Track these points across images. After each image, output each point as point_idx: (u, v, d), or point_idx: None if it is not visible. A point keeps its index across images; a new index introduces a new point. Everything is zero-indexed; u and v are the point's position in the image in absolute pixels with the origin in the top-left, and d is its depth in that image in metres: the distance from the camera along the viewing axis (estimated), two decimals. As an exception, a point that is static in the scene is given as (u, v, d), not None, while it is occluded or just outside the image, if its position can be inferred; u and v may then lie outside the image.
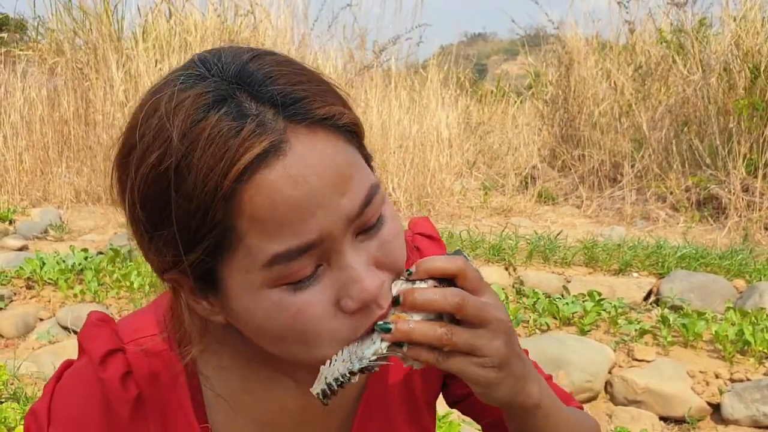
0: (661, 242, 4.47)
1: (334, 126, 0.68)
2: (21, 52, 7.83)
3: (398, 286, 0.72)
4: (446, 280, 0.72)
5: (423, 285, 0.71)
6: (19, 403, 2.74)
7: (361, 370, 0.69)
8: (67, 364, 0.86)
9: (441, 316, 0.70)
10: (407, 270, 0.73)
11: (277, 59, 0.71)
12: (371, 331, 0.71)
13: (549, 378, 1.01)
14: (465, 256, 0.75)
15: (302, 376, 0.85)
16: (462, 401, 1.01)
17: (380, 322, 0.70)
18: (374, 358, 0.69)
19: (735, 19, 6.26)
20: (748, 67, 5.92)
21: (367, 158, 0.76)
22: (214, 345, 0.83)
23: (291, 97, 0.67)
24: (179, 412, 0.83)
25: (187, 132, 0.65)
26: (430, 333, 0.68)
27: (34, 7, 9.70)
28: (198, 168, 0.64)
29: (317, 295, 0.69)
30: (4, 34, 8.38)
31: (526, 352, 0.88)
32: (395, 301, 0.71)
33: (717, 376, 2.93)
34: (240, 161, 0.63)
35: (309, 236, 0.66)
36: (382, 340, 0.69)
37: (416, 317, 0.70)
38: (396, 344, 0.69)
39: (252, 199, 0.64)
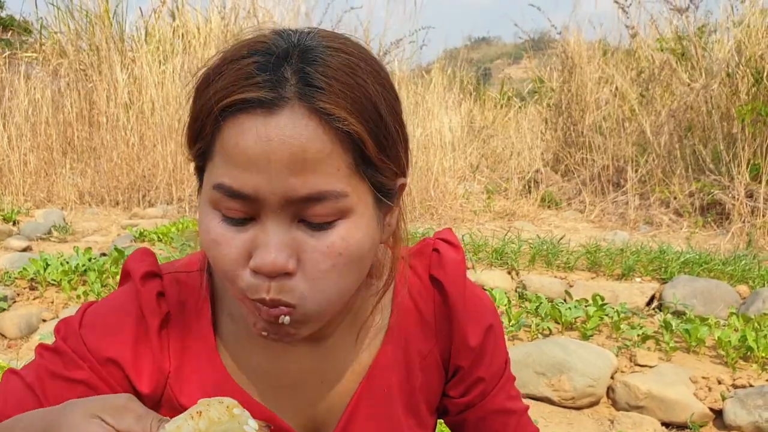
0: (665, 247, 4.47)
1: (333, 126, 0.73)
2: (25, 54, 7.85)
3: None
4: None
5: None
6: (21, 404, 2.74)
7: None
8: (89, 303, 0.94)
9: None
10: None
11: (342, 52, 0.77)
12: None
13: (525, 410, 1.05)
14: None
15: (289, 347, 0.92)
16: (455, 414, 1.02)
17: None
18: None
19: (736, 24, 6.26)
20: (751, 73, 5.92)
21: (383, 187, 0.80)
22: (229, 292, 0.90)
23: (313, 81, 0.73)
24: (201, 343, 0.91)
25: (230, 61, 0.76)
26: None
27: (36, 9, 9.73)
28: (214, 87, 0.75)
29: (235, 239, 0.76)
30: (9, 37, 8.40)
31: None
32: None
33: (719, 382, 2.93)
34: (234, 96, 0.73)
35: (245, 188, 0.74)
36: None
37: None
38: None
39: (228, 131, 0.74)
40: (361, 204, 0.78)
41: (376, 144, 0.77)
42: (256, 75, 0.73)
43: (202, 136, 0.77)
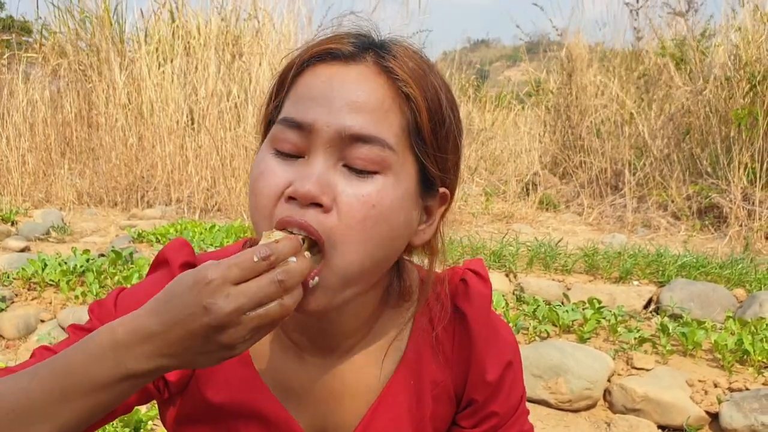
0: (662, 250, 4.48)
1: (396, 85, 0.81)
2: (26, 55, 7.85)
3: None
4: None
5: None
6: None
7: None
8: (121, 288, 0.96)
9: None
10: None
11: (419, 57, 0.87)
12: None
13: (527, 413, 1.04)
14: None
15: (303, 344, 0.93)
16: None
17: None
18: None
19: (735, 28, 6.28)
20: (748, 77, 5.93)
21: (427, 176, 0.85)
22: None
23: (392, 51, 0.83)
24: None
25: (324, 26, 0.88)
26: None
27: (37, 9, 9.73)
28: (303, 47, 0.85)
29: (281, 169, 0.80)
30: (9, 37, 8.41)
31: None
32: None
33: (716, 386, 2.94)
34: (315, 49, 0.83)
35: (306, 118, 0.79)
36: None
37: None
38: None
39: (304, 78, 0.83)
40: (404, 170, 0.82)
41: (431, 122, 0.83)
42: (346, 38, 0.84)
43: (281, 90, 0.85)
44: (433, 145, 0.84)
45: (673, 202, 6.10)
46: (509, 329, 1.03)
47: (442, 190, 0.89)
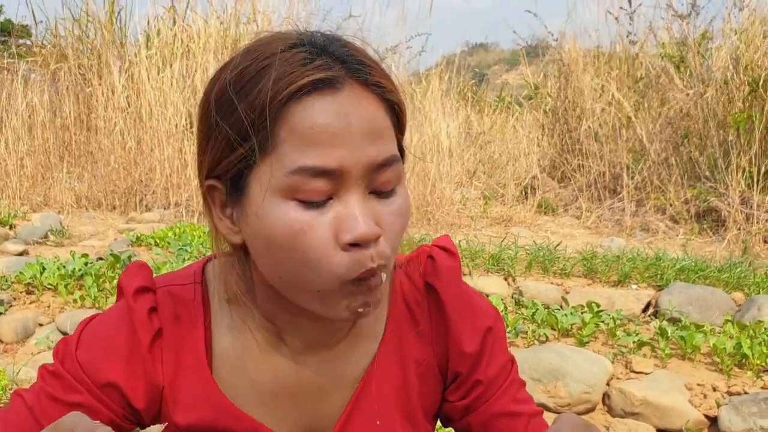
0: (661, 254, 4.48)
1: (382, 96, 0.82)
2: (27, 57, 7.85)
3: None
4: None
5: None
6: (17, 409, 2.74)
7: None
8: (91, 317, 0.95)
9: None
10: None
11: (356, 45, 0.85)
12: None
13: (539, 413, 1.04)
14: None
15: (296, 345, 0.93)
16: (460, 419, 1.02)
17: None
18: None
19: (737, 32, 6.29)
20: (747, 81, 5.95)
21: (401, 149, 0.87)
22: (235, 303, 0.92)
23: (358, 60, 0.81)
24: (192, 356, 0.92)
25: (272, 53, 0.79)
26: None
27: (32, 12, 9.73)
28: (268, 78, 0.77)
29: (322, 221, 0.77)
30: (8, 39, 8.41)
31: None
32: None
33: (715, 389, 2.94)
34: (301, 80, 0.77)
35: (331, 163, 0.76)
36: None
37: None
38: None
39: (298, 115, 0.77)
40: (403, 171, 0.86)
41: (405, 115, 0.87)
42: (312, 60, 0.78)
43: (257, 131, 0.78)
44: (404, 132, 0.88)
45: (671, 205, 6.10)
46: (483, 298, 1.03)
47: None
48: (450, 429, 1.05)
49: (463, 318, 0.97)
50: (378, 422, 0.96)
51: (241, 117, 0.78)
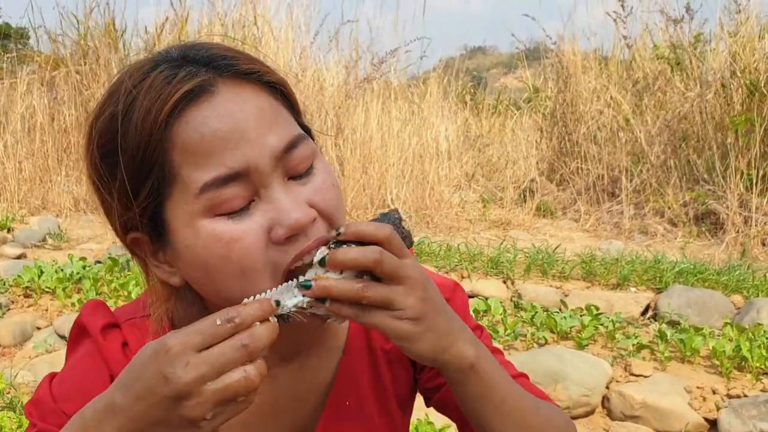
0: (659, 257, 4.48)
1: (260, 80, 0.79)
2: (24, 62, 7.84)
3: (323, 252, 0.75)
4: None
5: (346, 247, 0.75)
6: (15, 412, 2.73)
7: (280, 317, 0.72)
8: (51, 376, 0.90)
9: (362, 275, 0.74)
10: (336, 229, 0.76)
11: (216, 43, 0.82)
12: (291, 282, 0.74)
13: (522, 375, 1.01)
14: (397, 216, 0.80)
15: (267, 360, 0.88)
16: (434, 396, 1.01)
17: (302, 279, 0.73)
18: (294, 309, 0.72)
19: (731, 35, 6.30)
20: (745, 84, 5.95)
21: (305, 128, 0.85)
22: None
23: (220, 56, 0.78)
24: None
25: (134, 85, 0.75)
26: (347, 288, 0.72)
27: (28, 15, 9.71)
28: (140, 109, 0.74)
29: (250, 225, 0.75)
30: (7, 43, 8.40)
31: (513, 368, 0.93)
32: (320, 262, 0.74)
33: (714, 392, 2.93)
34: (171, 99, 0.73)
35: (234, 165, 0.73)
36: (303, 295, 0.73)
37: (336, 276, 0.74)
38: (319, 301, 0.73)
39: (183, 132, 0.73)
40: (315, 145, 0.83)
41: (292, 92, 0.84)
42: (174, 75, 0.75)
43: (150, 168, 0.74)
44: (299, 110, 0.86)
45: (669, 208, 6.10)
46: (441, 276, 1.02)
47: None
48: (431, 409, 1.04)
49: None
50: (356, 418, 0.95)
51: (130, 163, 0.75)
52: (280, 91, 0.81)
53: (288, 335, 0.89)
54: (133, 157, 0.74)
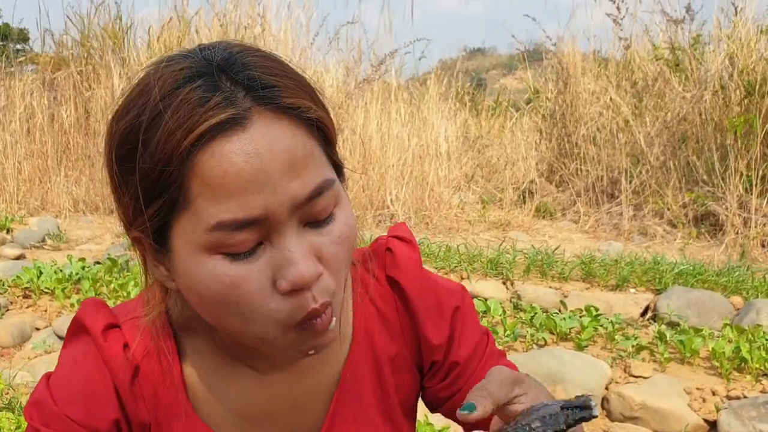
0: (659, 258, 4.48)
1: (299, 117, 0.73)
2: (24, 63, 7.85)
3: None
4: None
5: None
6: (14, 413, 2.73)
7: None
8: (48, 375, 0.88)
9: None
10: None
11: (262, 53, 0.76)
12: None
13: (502, 354, 1.01)
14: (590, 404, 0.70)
15: (263, 366, 0.89)
16: (445, 404, 0.99)
17: None
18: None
19: (728, 37, 6.31)
20: (743, 85, 5.96)
21: (337, 165, 0.80)
22: (192, 329, 0.88)
23: (263, 83, 0.72)
24: (170, 390, 0.88)
25: (163, 96, 0.71)
26: None
27: (19, 17, 9.73)
28: (165, 127, 0.69)
29: (254, 271, 0.72)
30: (6, 44, 8.40)
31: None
32: None
33: (714, 393, 2.93)
34: (201, 126, 0.68)
35: (254, 211, 0.70)
36: None
37: None
38: None
39: (206, 164, 0.69)
40: (341, 189, 0.79)
41: (332, 126, 0.79)
42: (209, 98, 0.69)
43: (165, 187, 0.71)
44: (336, 144, 0.81)
45: (669, 209, 6.11)
46: (445, 280, 1.01)
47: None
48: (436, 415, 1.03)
49: (428, 310, 0.95)
50: (360, 428, 0.94)
51: (145, 177, 0.71)
52: (318, 127, 0.76)
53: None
54: (150, 172, 0.71)
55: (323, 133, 0.77)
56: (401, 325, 0.96)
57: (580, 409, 0.67)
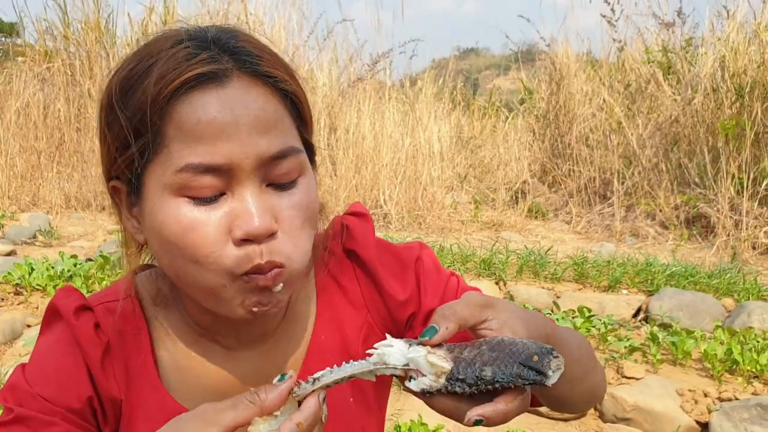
0: (651, 260, 4.50)
1: (275, 86, 0.80)
2: (14, 57, 7.79)
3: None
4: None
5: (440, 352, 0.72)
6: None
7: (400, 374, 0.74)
8: (23, 365, 0.92)
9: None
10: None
11: (251, 35, 0.84)
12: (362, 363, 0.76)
13: (477, 291, 1.01)
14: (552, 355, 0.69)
15: (231, 343, 0.93)
16: None
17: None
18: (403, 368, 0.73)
19: (720, 40, 6.34)
20: (734, 88, 5.99)
21: (309, 145, 0.86)
22: (163, 310, 0.93)
23: (246, 51, 0.80)
24: (141, 368, 0.91)
25: (158, 52, 0.78)
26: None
27: (19, 12, 9.66)
28: (151, 77, 0.76)
29: (211, 218, 0.77)
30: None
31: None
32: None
33: (706, 395, 2.95)
34: (182, 77, 0.75)
35: (220, 159, 0.75)
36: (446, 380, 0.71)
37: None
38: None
39: (183, 111, 0.76)
40: (307, 162, 0.84)
41: (306, 105, 0.85)
42: (196, 55, 0.77)
43: (145, 129, 0.77)
44: (310, 124, 0.87)
45: (661, 211, 6.13)
46: (403, 244, 1.04)
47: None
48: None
49: (389, 267, 0.98)
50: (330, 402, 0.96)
51: (130, 119, 0.78)
52: (291, 100, 0.82)
53: (245, 325, 0.91)
54: (134, 115, 0.77)
55: (297, 109, 0.83)
56: (363, 294, 0.99)
57: (536, 372, 0.67)
